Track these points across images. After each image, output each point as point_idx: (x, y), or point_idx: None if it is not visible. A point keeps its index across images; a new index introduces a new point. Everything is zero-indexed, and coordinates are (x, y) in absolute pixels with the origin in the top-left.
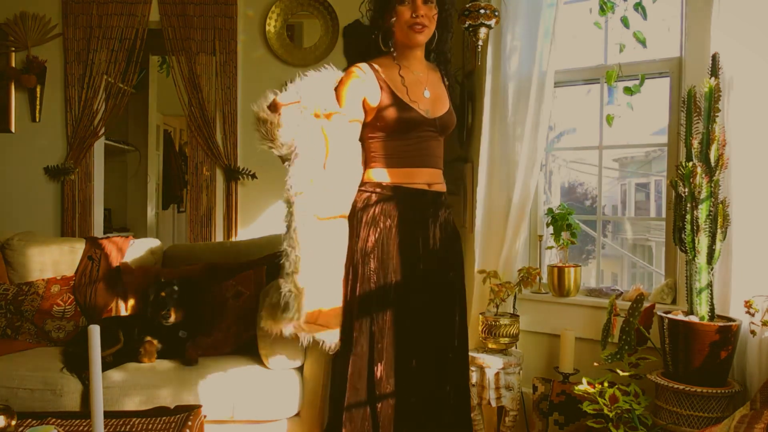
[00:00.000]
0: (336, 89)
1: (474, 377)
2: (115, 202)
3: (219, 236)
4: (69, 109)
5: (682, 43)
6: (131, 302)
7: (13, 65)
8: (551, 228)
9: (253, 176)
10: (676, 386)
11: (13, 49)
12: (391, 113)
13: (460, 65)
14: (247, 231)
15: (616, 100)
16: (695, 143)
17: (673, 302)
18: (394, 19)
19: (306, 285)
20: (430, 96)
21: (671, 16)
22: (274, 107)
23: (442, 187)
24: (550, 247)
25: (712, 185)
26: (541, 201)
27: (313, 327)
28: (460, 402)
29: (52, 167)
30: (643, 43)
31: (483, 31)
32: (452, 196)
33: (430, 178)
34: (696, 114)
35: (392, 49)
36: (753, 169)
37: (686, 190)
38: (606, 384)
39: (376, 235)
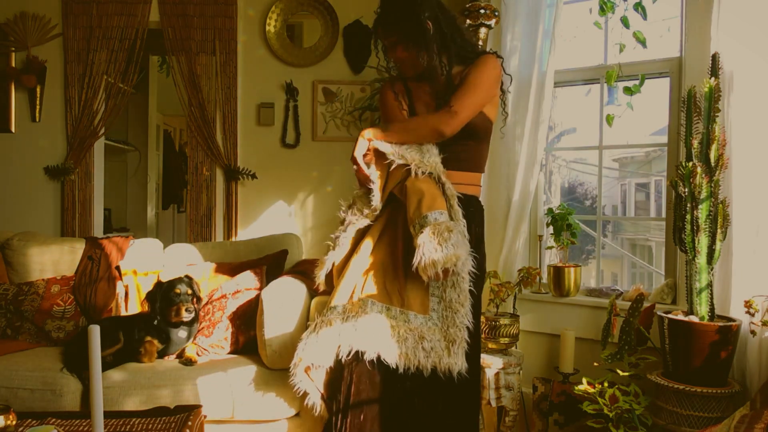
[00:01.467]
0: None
1: None
2: (115, 202)
3: (219, 236)
4: (69, 109)
5: (682, 43)
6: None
7: (13, 65)
8: (551, 228)
9: (253, 176)
10: (676, 386)
11: (13, 49)
12: None
13: None
14: (247, 231)
15: (616, 100)
16: (695, 143)
17: (673, 302)
18: None
19: None
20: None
21: (671, 16)
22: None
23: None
24: (550, 247)
25: (712, 185)
26: (541, 201)
27: None
28: (468, 403)
29: (52, 167)
30: (643, 43)
31: (483, 31)
32: None
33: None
34: (696, 114)
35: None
36: (753, 169)
37: (686, 190)
38: (606, 384)
39: None
